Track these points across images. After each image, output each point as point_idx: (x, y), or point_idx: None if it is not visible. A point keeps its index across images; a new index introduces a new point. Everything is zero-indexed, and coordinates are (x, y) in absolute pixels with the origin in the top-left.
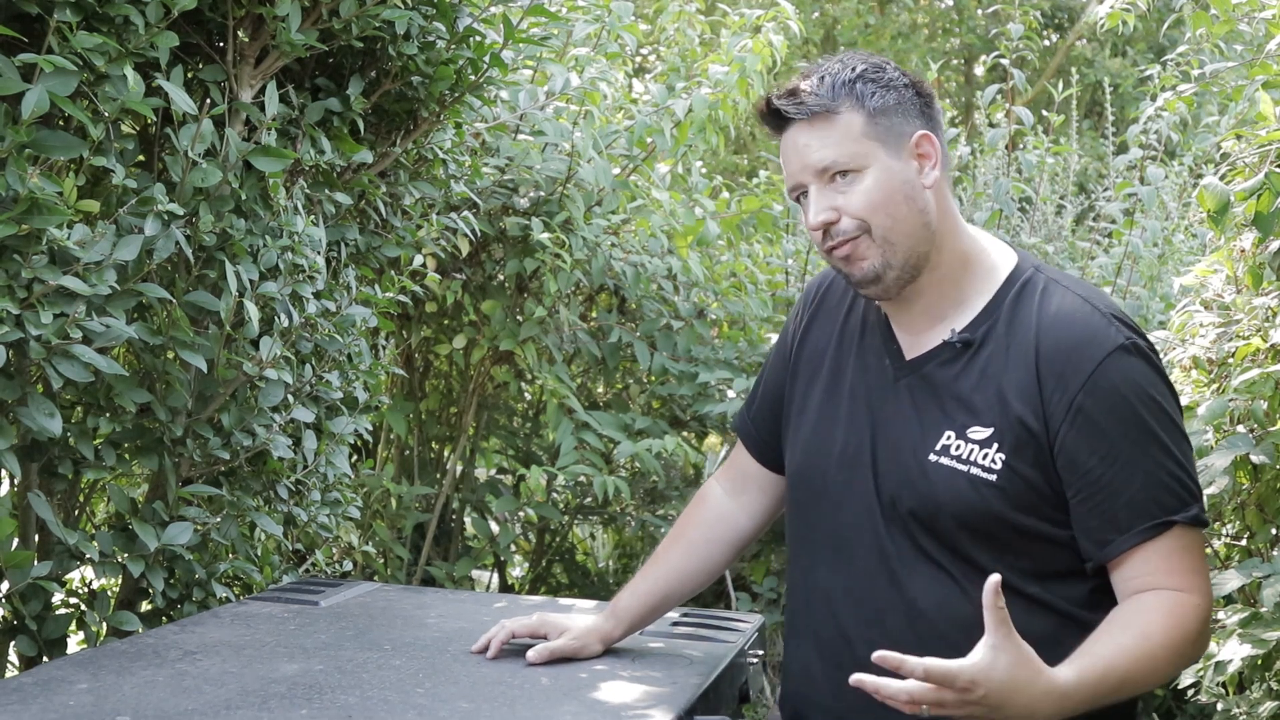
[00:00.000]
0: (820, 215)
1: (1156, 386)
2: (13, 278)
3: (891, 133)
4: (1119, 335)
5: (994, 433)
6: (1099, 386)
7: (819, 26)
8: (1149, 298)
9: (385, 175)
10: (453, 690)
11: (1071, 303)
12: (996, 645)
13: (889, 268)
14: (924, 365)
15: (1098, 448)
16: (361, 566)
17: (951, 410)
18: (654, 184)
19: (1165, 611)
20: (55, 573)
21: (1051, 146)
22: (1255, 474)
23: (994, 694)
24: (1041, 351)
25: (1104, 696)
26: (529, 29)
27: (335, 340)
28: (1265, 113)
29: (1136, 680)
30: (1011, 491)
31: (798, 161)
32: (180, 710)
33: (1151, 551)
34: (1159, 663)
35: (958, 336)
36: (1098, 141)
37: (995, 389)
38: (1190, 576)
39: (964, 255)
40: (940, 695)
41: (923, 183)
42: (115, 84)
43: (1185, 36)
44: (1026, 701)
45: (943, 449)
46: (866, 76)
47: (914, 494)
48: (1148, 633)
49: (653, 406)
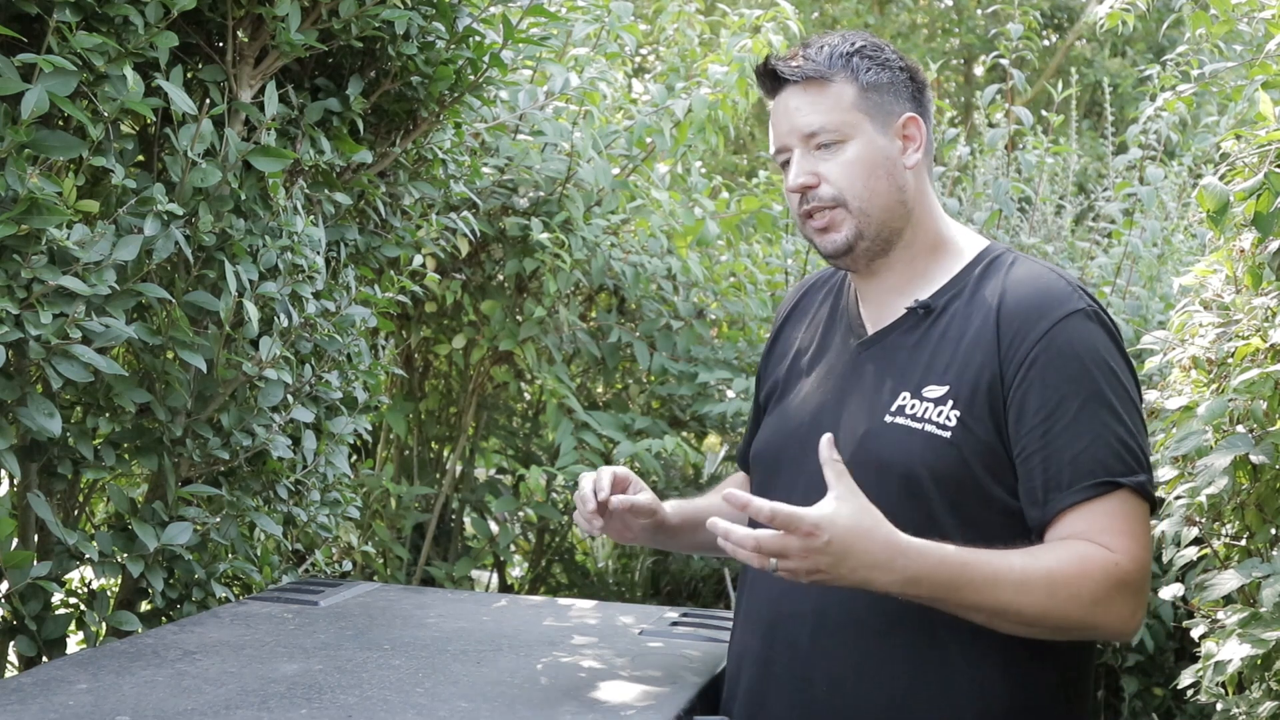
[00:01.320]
0: (800, 178)
1: (1113, 354)
2: (13, 278)
3: (881, 109)
4: (1081, 301)
5: (949, 390)
6: (1054, 342)
7: (819, 26)
8: (1149, 298)
9: (385, 175)
10: (453, 690)
11: (1037, 269)
12: (840, 495)
13: (861, 238)
14: (886, 336)
15: (1047, 402)
16: (361, 566)
17: (910, 372)
18: (654, 184)
19: (1073, 550)
20: (55, 573)
21: (1051, 147)
22: (1255, 474)
23: (837, 540)
24: (1003, 309)
25: (954, 587)
26: (529, 29)
27: (335, 340)
28: (1265, 113)
29: (998, 592)
30: (966, 450)
31: (786, 123)
32: (180, 710)
33: (1088, 510)
34: (1035, 589)
35: (920, 303)
36: (1097, 141)
37: (953, 349)
38: (1121, 538)
39: (937, 237)
40: (785, 542)
41: (904, 163)
42: (115, 84)
43: (1185, 36)
44: (866, 550)
45: (898, 409)
46: (864, 52)
47: (868, 455)
48: (1039, 556)
49: (652, 406)
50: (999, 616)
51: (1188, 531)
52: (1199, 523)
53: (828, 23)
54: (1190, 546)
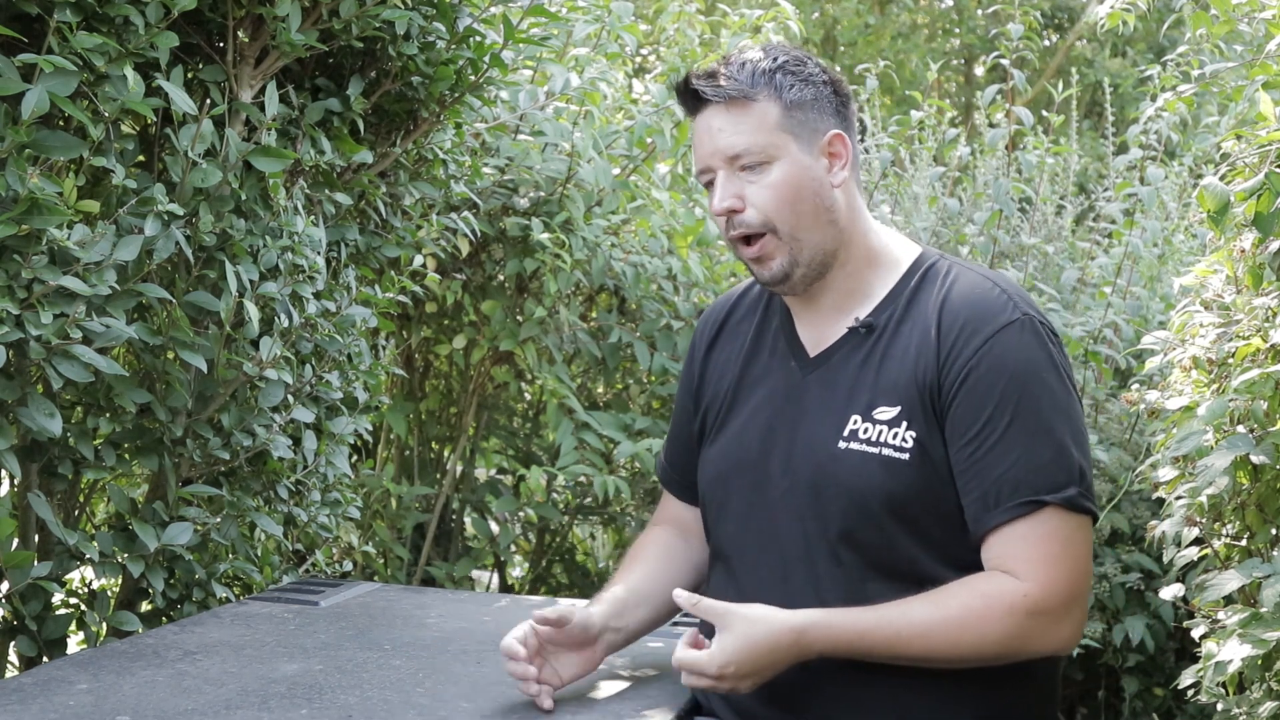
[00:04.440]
0: (725, 202)
1: (1046, 367)
2: (13, 278)
3: (805, 127)
4: (1015, 312)
5: (901, 410)
6: (987, 358)
7: (819, 27)
8: (1149, 298)
9: (385, 175)
10: (453, 690)
11: (973, 280)
12: (721, 627)
13: (796, 265)
14: (830, 357)
15: (978, 418)
16: (361, 566)
17: (858, 394)
18: (654, 184)
19: (975, 591)
20: (55, 573)
21: (1051, 147)
22: (1255, 474)
23: (744, 663)
24: (942, 323)
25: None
26: (529, 29)
27: (335, 340)
28: (1265, 113)
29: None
30: (926, 469)
31: (709, 145)
32: (180, 710)
33: (1013, 532)
34: (943, 637)
35: (861, 323)
36: (1098, 142)
37: (899, 367)
38: (1036, 565)
39: (871, 251)
40: (708, 683)
41: (831, 181)
42: (115, 84)
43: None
44: (770, 653)
45: (850, 434)
46: (786, 68)
47: (829, 482)
48: (942, 602)
49: (653, 406)
50: (917, 664)
51: (1188, 532)
52: (1199, 523)
53: (828, 22)
54: (1190, 547)
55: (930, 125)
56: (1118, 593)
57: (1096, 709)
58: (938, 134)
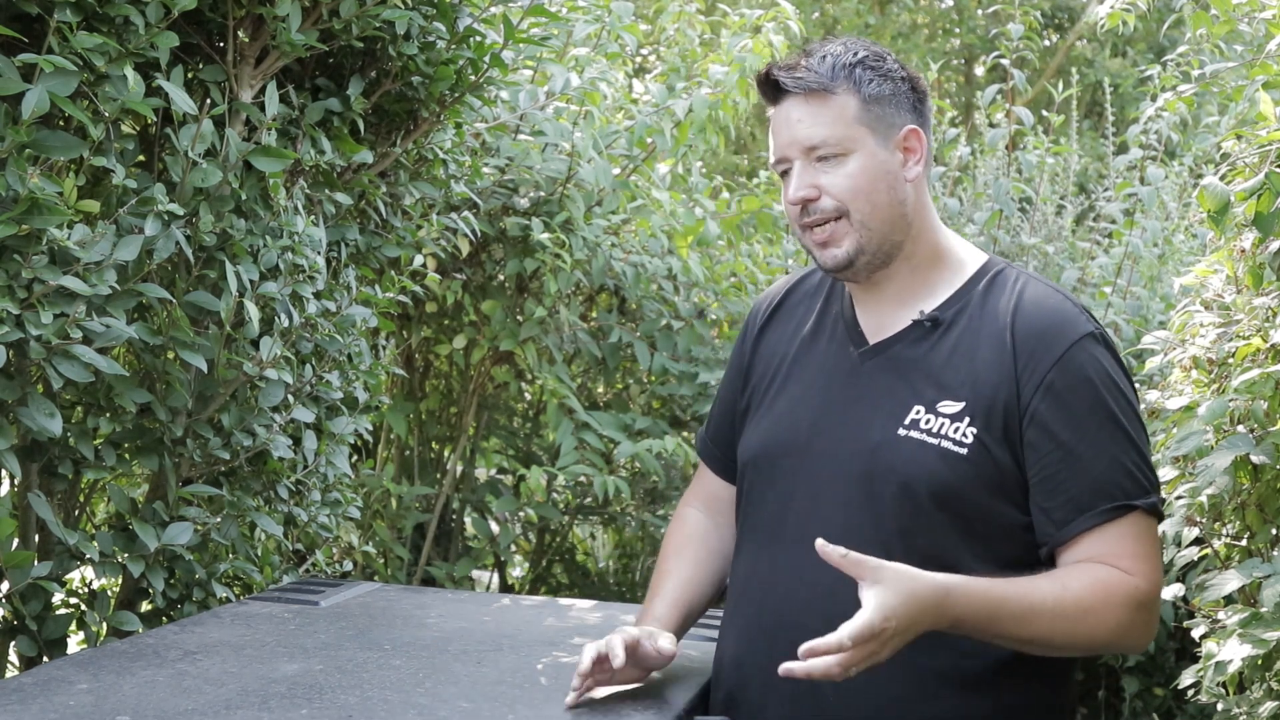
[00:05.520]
0: (801, 191)
1: (1120, 376)
2: (13, 278)
3: (882, 121)
4: (1089, 324)
5: (965, 407)
6: (1069, 367)
7: (819, 27)
8: (1149, 298)
9: (385, 175)
10: (453, 690)
11: (1046, 291)
12: (873, 581)
13: (862, 253)
14: (891, 346)
15: (1065, 425)
16: (361, 566)
17: (920, 386)
18: (654, 184)
19: (1095, 578)
20: (55, 573)
21: (1051, 147)
22: (1255, 474)
23: (901, 620)
24: (1017, 331)
25: (993, 619)
26: (529, 29)
27: (335, 340)
28: (1265, 113)
29: (1033, 623)
30: (982, 467)
31: (787, 135)
32: (180, 710)
33: (1106, 533)
34: (1065, 619)
35: (927, 315)
36: (1098, 142)
37: (967, 366)
38: (1137, 561)
39: (937, 249)
40: (867, 649)
41: (905, 175)
42: (115, 84)
43: (1185, 37)
44: (922, 611)
45: (912, 423)
46: (866, 63)
47: (884, 468)
48: (1067, 585)
49: (653, 406)
50: (1030, 644)
51: (1188, 531)
52: (1199, 523)
53: (828, 23)
54: (1191, 546)
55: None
56: None
57: (1096, 709)
58: (938, 134)
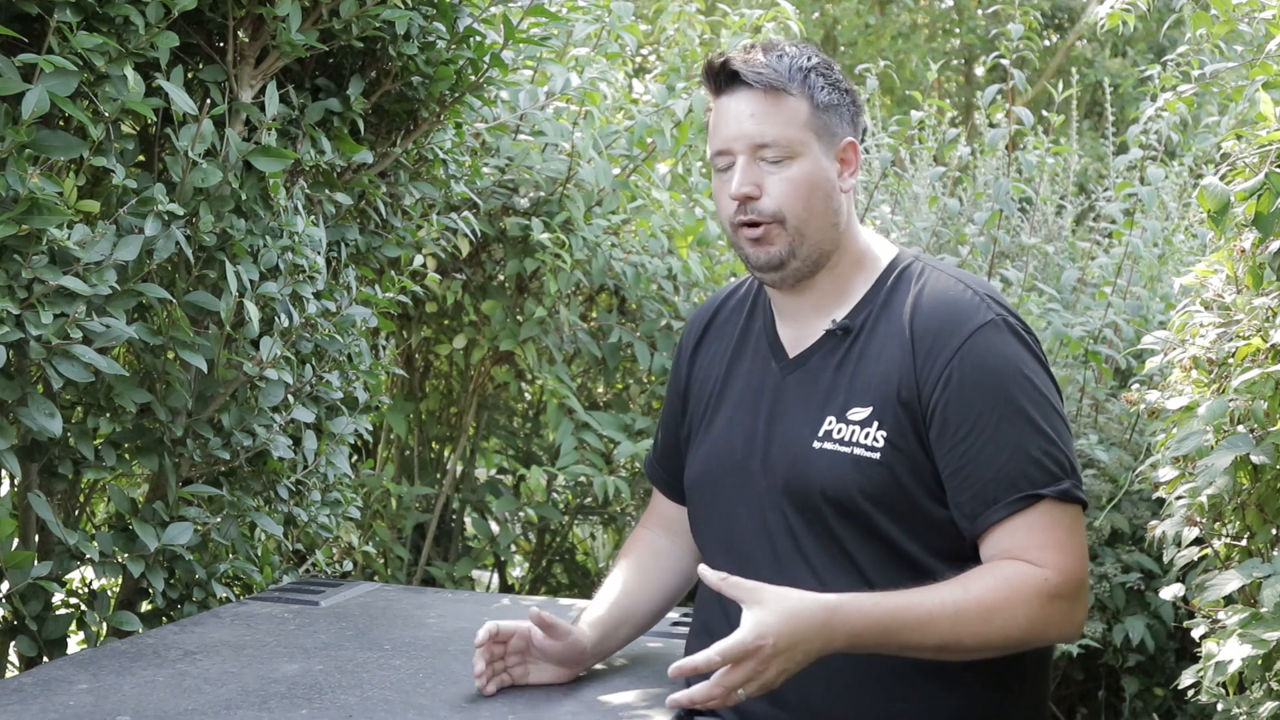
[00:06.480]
0: (744, 188)
1: (1026, 363)
2: (13, 278)
3: (828, 130)
4: (989, 312)
5: (873, 411)
6: (967, 359)
7: (819, 26)
8: (1149, 298)
9: (385, 175)
10: (453, 690)
11: (945, 282)
12: (752, 602)
13: (793, 258)
14: (809, 359)
15: (966, 418)
16: (361, 566)
17: (833, 396)
18: (654, 184)
19: (999, 576)
20: (55, 573)
21: (1051, 147)
22: (1255, 474)
23: (781, 636)
24: (915, 327)
25: (891, 632)
26: (529, 29)
27: (335, 340)
28: (1265, 113)
29: (936, 631)
30: (898, 468)
31: (735, 128)
32: (180, 710)
33: (1016, 525)
34: (969, 621)
35: (838, 325)
36: (1098, 142)
37: (872, 369)
38: (1046, 551)
39: (858, 254)
40: (745, 669)
41: (841, 186)
42: (115, 84)
43: (1185, 37)
44: (807, 628)
45: (825, 434)
46: (819, 70)
47: (803, 482)
48: (969, 586)
49: (653, 406)
50: (941, 652)
51: (1188, 532)
52: (1199, 523)
53: (828, 23)
54: (1191, 547)
55: (930, 125)
56: (1118, 593)
57: (1096, 709)
58: (938, 134)
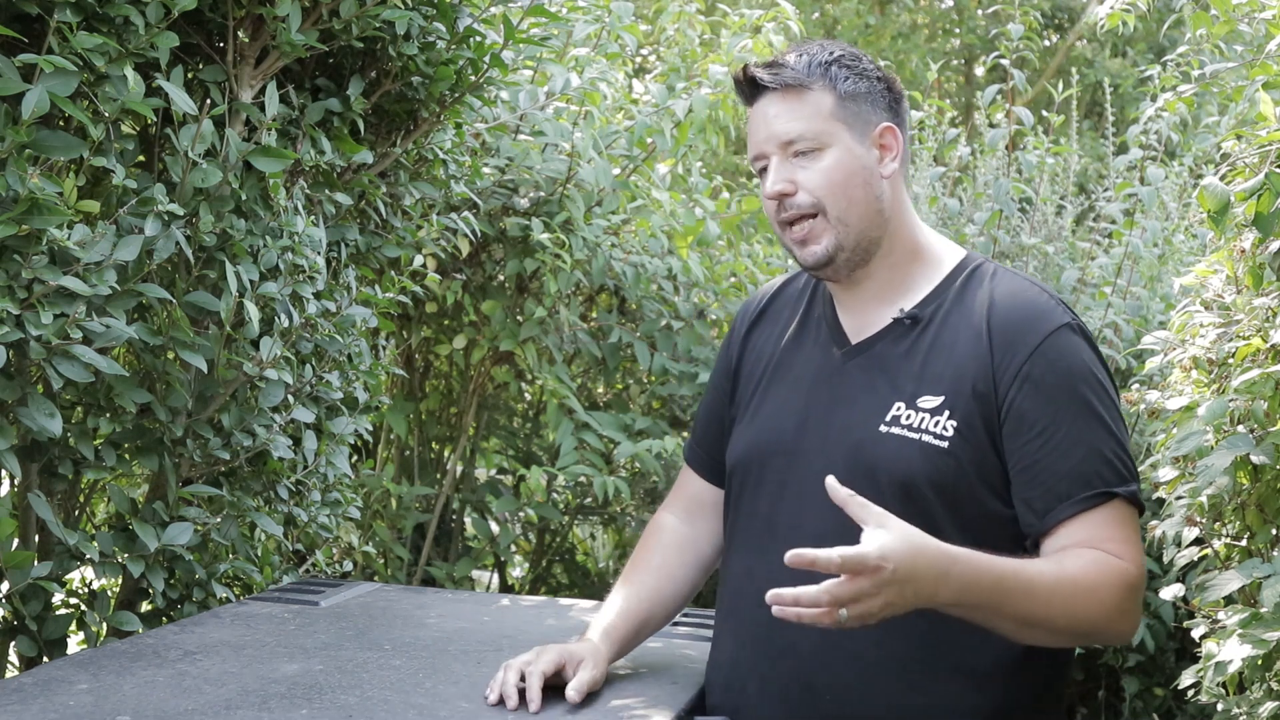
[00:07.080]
0: (777, 185)
1: (1097, 367)
2: (13, 278)
3: (858, 118)
4: (1065, 315)
5: (944, 400)
6: (1045, 357)
7: (819, 27)
8: (1149, 298)
9: (385, 175)
10: (453, 690)
11: (1020, 284)
12: (882, 524)
13: (840, 249)
14: (873, 345)
15: (1043, 415)
16: (361, 567)
17: (901, 383)
18: (654, 184)
19: (1090, 559)
20: (55, 573)
21: (1052, 147)
22: (1255, 474)
23: (902, 566)
24: (993, 323)
25: (1000, 591)
26: (529, 29)
27: (335, 340)
28: (1265, 113)
29: (1034, 599)
30: (964, 459)
31: (764, 131)
32: (180, 710)
33: (1089, 520)
34: (1064, 597)
35: (907, 314)
36: (1098, 142)
37: (945, 360)
38: (1124, 545)
39: (915, 246)
40: (857, 584)
41: (881, 172)
42: (115, 84)
43: (1185, 37)
44: (927, 566)
45: (893, 419)
46: (842, 61)
47: (866, 465)
48: (1064, 564)
49: (653, 406)
50: (1029, 625)
51: (1188, 532)
52: (1199, 523)
53: (828, 23)
54: (1191, 547)
55: (930, 125)
56: None
57: (1096, 709)
58: (938, 134)
